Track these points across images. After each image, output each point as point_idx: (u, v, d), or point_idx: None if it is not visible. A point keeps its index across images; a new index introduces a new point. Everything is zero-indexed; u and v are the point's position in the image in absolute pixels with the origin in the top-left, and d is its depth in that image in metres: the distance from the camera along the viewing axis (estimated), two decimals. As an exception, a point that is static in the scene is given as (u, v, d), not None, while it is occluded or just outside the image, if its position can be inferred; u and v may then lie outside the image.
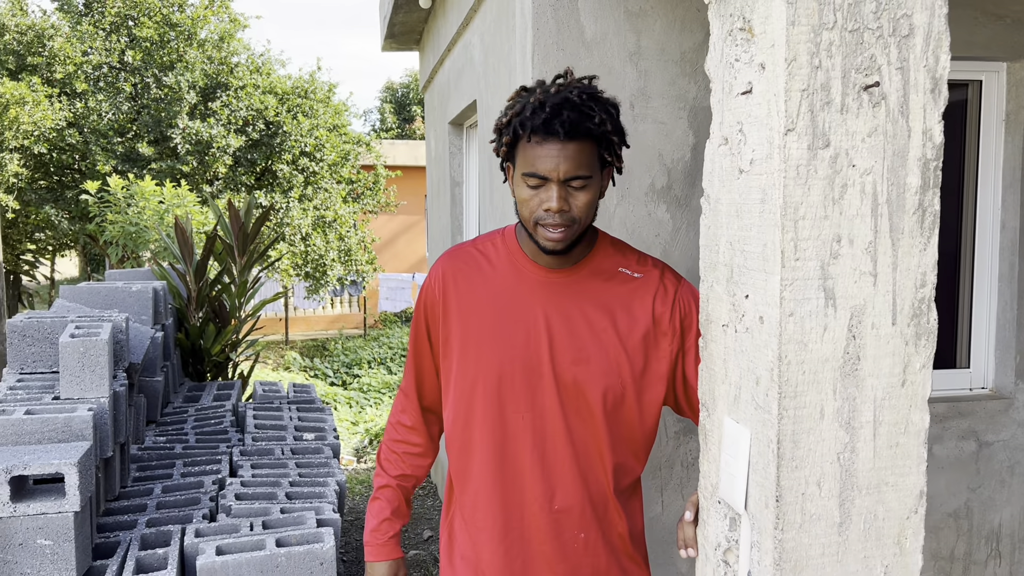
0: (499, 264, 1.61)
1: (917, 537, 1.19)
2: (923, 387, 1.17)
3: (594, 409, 1.54)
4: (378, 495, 1.77)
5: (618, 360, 1.53)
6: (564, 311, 1.55)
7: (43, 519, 2.43)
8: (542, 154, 1.44)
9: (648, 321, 1.55)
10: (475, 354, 1.58)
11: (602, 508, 1.59)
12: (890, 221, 1.13)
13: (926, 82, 1.12)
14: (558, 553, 1.58)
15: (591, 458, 1.57)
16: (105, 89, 10.91)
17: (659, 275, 1.59)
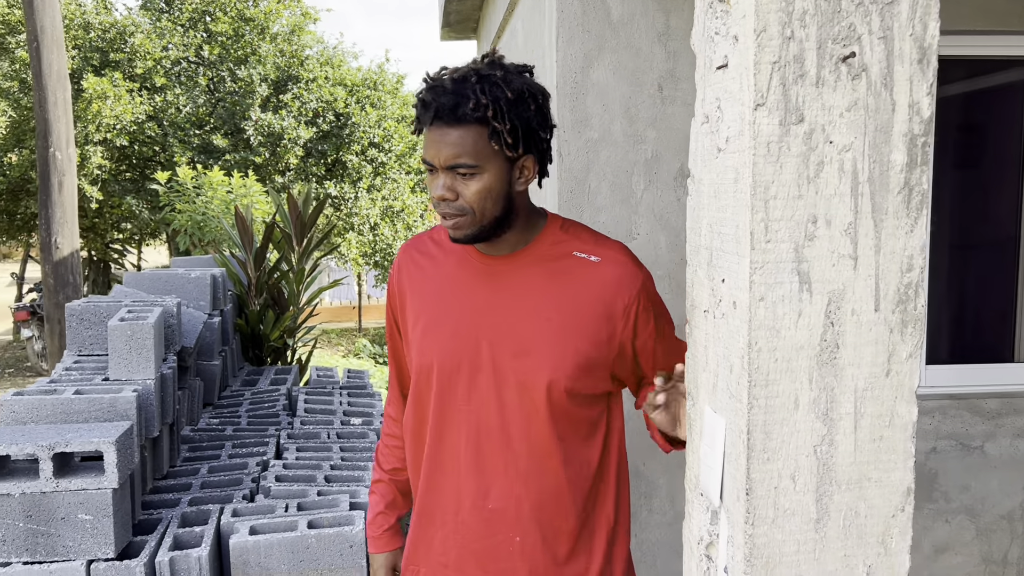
0: (449, 254, 1.58)
1: (904, 537, 1.12)
2: (910, 377, 1.10)
3: (538, 403, 1.47)
4: (373, 489, 1.77)
5: (563, 350, 1.46)
6: (506, 300, 1.49)
7: (84, 495, 2.53)
8: (427, 142, 1.41)
9: (602, 306, 1.48)
10: (420, 345, 1.55)
11: (548, 506, 1.51)
12: (872, 201, 1.06)
13: (912, 52, 1.05)
14: (490, 553, 1.52)
15: (537, 454, 1.49)
16: (183, 83, 11.29)
17: (620, 259, 1.51)
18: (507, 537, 1.52)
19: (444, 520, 1.55)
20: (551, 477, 1.50)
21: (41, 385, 2.95)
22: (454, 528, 1.54)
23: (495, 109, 1.38)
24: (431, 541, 1.58)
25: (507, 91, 1.39)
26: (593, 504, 1.56)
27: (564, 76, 2.37)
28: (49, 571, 2.50)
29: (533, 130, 1.44)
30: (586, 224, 2.41)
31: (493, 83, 1.39)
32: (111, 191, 11.32)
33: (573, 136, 2.38)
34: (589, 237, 1.55)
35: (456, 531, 1.54)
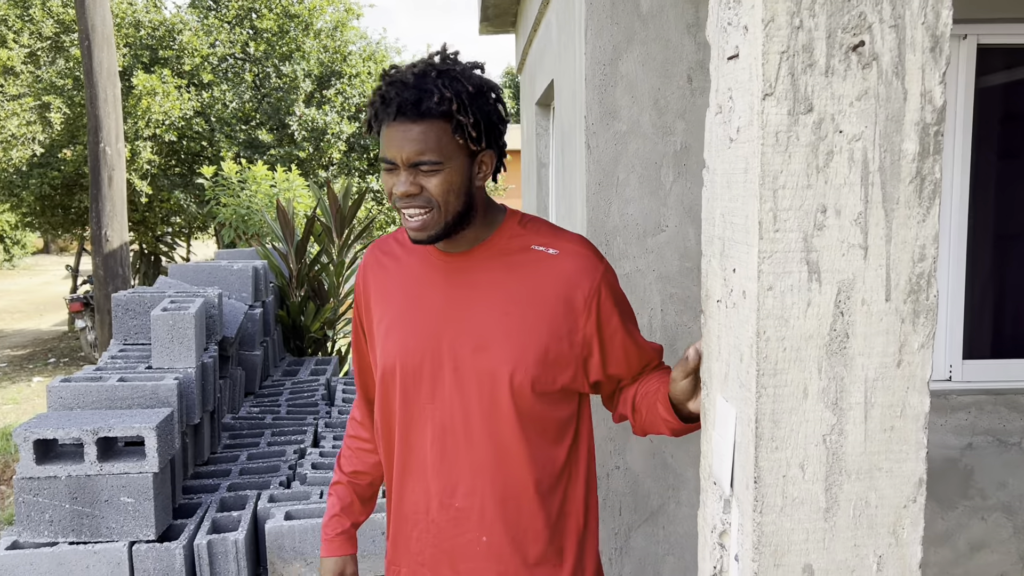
0: (412, 253, 1.57)
1: (916, 527, 1.12)
2: (922, 368, 1.09)
3: (500, 398, 1.45)
4: (331, 491, 1.74)
5: (524, 344, 1.44)
6: (464, 296, 1.49)
7: (126, 478, 2.62)
8: (388, 139, 1.38)
9: (562, 298, 1.46)
10: (384, 346, 1.54)
11: (514, 506, 1.49)
12: (883, 190, 1.06)
13: (925, 40, 1.04)
14: (460, 552, 1.52)
15: (502, 451, 1.47)
16: (229, 79, 11.50)
17: (580, 251, 1.49)
18: (475, 536, 1.50)
19: (417, 519, 1.55)
20: (516, 475, 1.48)
21: (87, 372, 3.06)
22: (426, 527, 1.54)
23: (459, 103, 1.37)
24: (408, 540, 1.57)
25: (468, 85, 1.39)
26: (561, 506, 1.54)
27: (593, 68, 2.38)
28: (93, 551, 2.59)
29: (493, 124, 1.44)
30: (614, 217, 2.42)
31: (453, 77, 1.39)
32: (160, 185, 11.60)
33: (601, 128, 2.39)
34: (548, 231, 1.54)
35: (428, 530, 1.54)
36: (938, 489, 2.65)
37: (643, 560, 2.49)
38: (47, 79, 11.42)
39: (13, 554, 2.58)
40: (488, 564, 1.51)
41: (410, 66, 1.42)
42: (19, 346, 11.94)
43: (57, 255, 29.41)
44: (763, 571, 1.11)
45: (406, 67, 1.43)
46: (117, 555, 2.60)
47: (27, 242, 25.74)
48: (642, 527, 2.49)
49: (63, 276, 20.44)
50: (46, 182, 11.36)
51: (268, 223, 5.84)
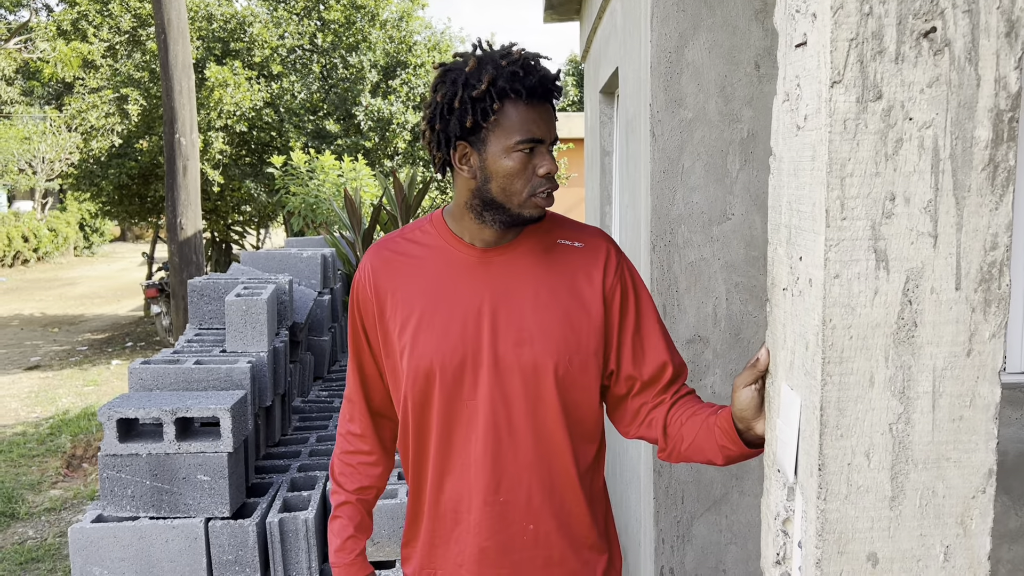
0: (432, 250, 1.53)
1: (985, 519, 1.11)
2: (993, 358, 1.08)
3: (544, 390, 1.47)
4: (338, 513, 1.66)
5: (565, 336, 1.47)
6: (504, 291, 1.48)
7: (202, 457, 2.73)
8: (537, 117, 1.40)
9: (593, 292, 1.49)
10: (413, 346, 1.49)
11: (559, 494, 1.51)
12: (954, 178, 1.05)
13: (999, 25, 1.02)
14: (505, 546, 1.51)
15: (545, 442, 1.49)
16: (298, 71, 11.73)
17: (603, 244, 1.53)
18: (521, 527, 1.50)
19: (457, 519, 1.53)
20: (560, 464, 1.51)
21: (165, 355, 3.18)
22: (466, 527, 1.52)
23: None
24: (447, 542, 1.55)
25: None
26: (596, 492, 1.57)
27: (658, 56, 2.37)
28: (172, 526, 2.71)
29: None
30: (679, 205, 2.41)
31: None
32: (231, 175, 11.92)
33: (667, 116, 2.38)
34: (568, 224, 1.57)
35: (468, 529, 1.52)
36: (1013, 484, 2.59)
37: (705, 549, 2.50)
38: (125, 72, 11.82)
39: (98, 527, 2.71)
40: (536, 552, 1.52)
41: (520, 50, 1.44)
42: (98, 330, 12.43)
43: (133, 243, 30.47)
44: (827, 558, 1.11)
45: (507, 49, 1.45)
46: (194, 530, 2.72)
47: (105, 230, 26.73)
48: (704, 516, 2.50)
49: (139, 263, 21.18)
50: (124, 172, 11.78)
51: (336, 212, 5.96)
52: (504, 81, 1.39)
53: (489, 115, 1.41)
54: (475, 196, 1.46)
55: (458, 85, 1.42)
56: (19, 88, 19.41)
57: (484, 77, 1.39)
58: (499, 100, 1.40)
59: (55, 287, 17.83)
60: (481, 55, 1.45)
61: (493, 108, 1.40)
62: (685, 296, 2.43)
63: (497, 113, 1.40)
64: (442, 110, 1.44)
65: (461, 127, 1.43)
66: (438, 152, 1.49)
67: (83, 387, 8.71)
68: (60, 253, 23.99)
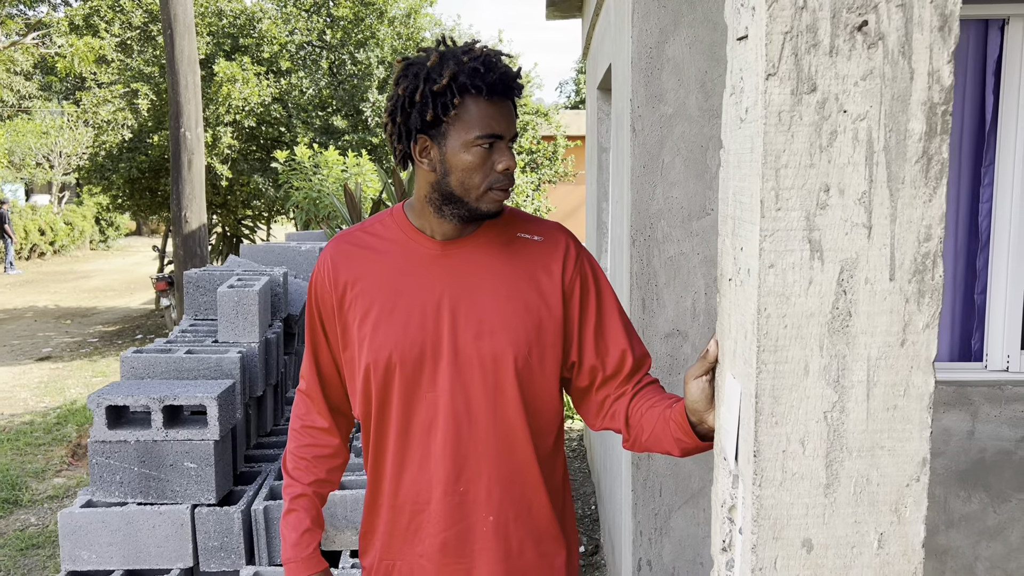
0: (392, 243, 1.54)
1: (919, 506, 1.12)
2: (926, 348, 1.09)
3: (504, 381, 1.48)
4: (293, 506, 1.62)
5: (525, 328, 1.49)
6: (464, 283, 1.50)
7: (189, 444, 2.76)
8: (496, 113, 1.41)
9: (552, 285, 1.51)
10: (373, 338, 1.50)
11: (519, 485, 1.53)
12: (888, 170, 1.06)
13: (933, 20, 1.04)
14: (465, 536, 1.52)
15: (505, 433, 1.51)
16: (306, 66, 11.78)
17: (562, 238, 1.55)
18: (481, 518, 1.52)
19: (417, 510, 1.54)
20: (520, 455, 1.52)
21: (158, 345, 3.23)
22: (426, 518, 1.53)
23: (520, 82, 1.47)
24: (407, 533, 1.55)
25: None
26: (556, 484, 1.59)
27: (639, 51, 2.39)
28: (159, 512, 2.75)
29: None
30: (659, 200, 2.43)
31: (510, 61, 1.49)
32: (240, 170, 11.99)
33: (647, 111, 2.40)
34: (526, 218, 1.58)
35: (429, 520, 1.53)
36: (992, 482, 2.59)
37: (682, 541, 2.51)
38: (136, 67, 11.91)
39: (87, 512, 2.76)
40: (496, 543, 1.53)
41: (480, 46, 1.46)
42: (110, 323, 12.55)
43: (148, 236, 30.67)
44: (761, 543, 1.13)
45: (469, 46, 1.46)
46: (181, 516, 2.76)
47: (121, 224, 26.94)
48: (682, 508, 2.51)
49: (153, 257, 21.33)
50: (134, 166, 11.87)
51: (337, 206, 6.00)
52: (465, 76, 1.40)
53: (449, 109, 1.42)
54: (434, 189, 1.48)
55: (419, 79, 1.43)
56: (37, 83, 19.59)
57: (445, 72, 1.41)
58: (459, 95, 1.41)
59: (70, 280, 18.00)
60: (444, 50, 1.46)
61: (453, 103, 1.41)
62: (664, 290, 2.44)
63: (457, 108, 1.42)
64: (403, 103, 1.46)
65: (422, 120, 1.44)
66: (399, 144, 1.50)
67: (92, 378, 8.80)
68: (76, 246, 24.20)
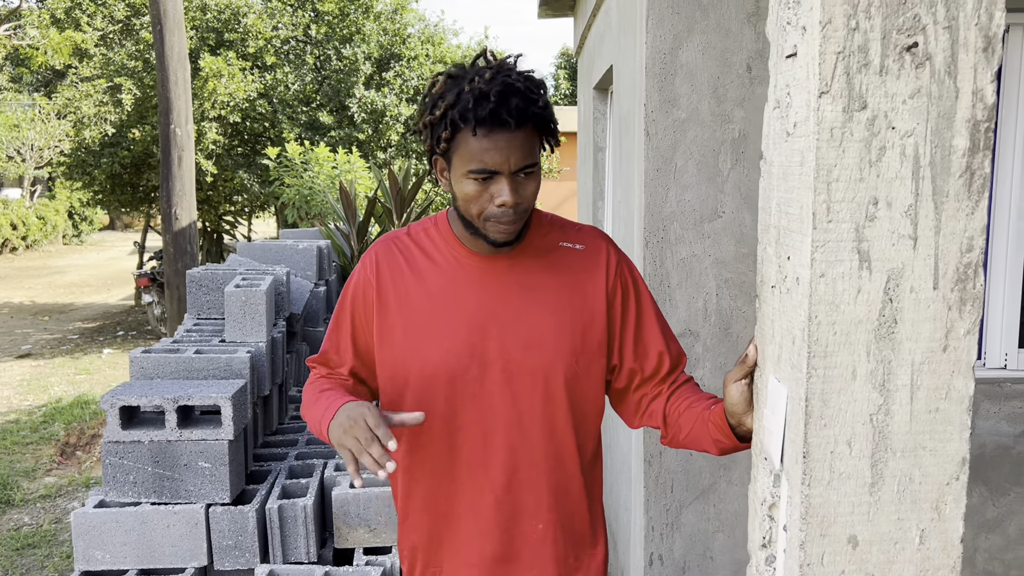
0: (436, 256, 1.54)
1: (958, 504, 1.18)
2: (967, 353, 1.15)
3: (554, 390, 1.50)
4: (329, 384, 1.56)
5: (572, 337, 1.50)
6: (511, 295, 1.50)
7: (203, 444, 2.78)
8: (490, 147, 1.35)
9: (596, 293, 1.53)
10: (415, 352, 1.50)
11: (564, 491, 1.55)
12: (933, 184, 1.11)
13: (977, 41, 1.09)
14: (512, 546, 1.54)
15: (554, 440, 1.52)
16: (291, 62, 11.73)
17: (603, 246, 1.57)
18: (531, 526, 1.53)
19: (463, 521, 1.54)
20: (567, 463, 1.55)
21: (165, 344, 3.23)
22: (475, 526, 1.53)
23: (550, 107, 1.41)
24: (454, 542, 1.55)
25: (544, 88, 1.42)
26: (594, 490, 1.63)
27: (653, 57, 2.43)
28: (173, 511, 2.76)
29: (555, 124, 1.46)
30: (672, 203, 2.48)
31: (541, 81, 1.41)
32: (224, 165, 11.93)
33: (661, 116, 2.45)
34: (568, 226, 1.59)
35: (478, 529, 1.53)
36: (991, 476, 2.67)
37: (693, 536, 2.57)
38: (118, 61, 11.80)
39: (101, 512, 2.77)
40: (544, 550, 1.56)
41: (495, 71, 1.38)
42: (89, 319, 12.43)
43: (122, 231, 30.37)
44: (810, 540, 1.18)
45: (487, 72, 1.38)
46: (195, 516, 2.77)
47: (94, 219, 26.63)
48: (693, 504, 2.57)
49: (129, 251, 21.13)
50: (116, 161, 11.77)
51: (331, 204, 6.01)
52: (458, 111, 1.36)
53: (440, 143, 1.40)
54: (457, 208, 1.48)
55: (427, 105, 1.43)
56: (8, 75, 19.31)
57: (442, 103, 1.39)
58: (449, 129, 1.38)
59: (44, 275, 17.78)
60: (455, 72, 1.42)
61: (443, 136, 1.39)
62: (677, 291, 2.50)
63: (450, 141, 1.39)
64: (417, 124, 1.47)
65: (433, 143, 1.43)
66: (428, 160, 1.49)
67: (75, 375, 8.73)
68: (49, 241, 23.90)
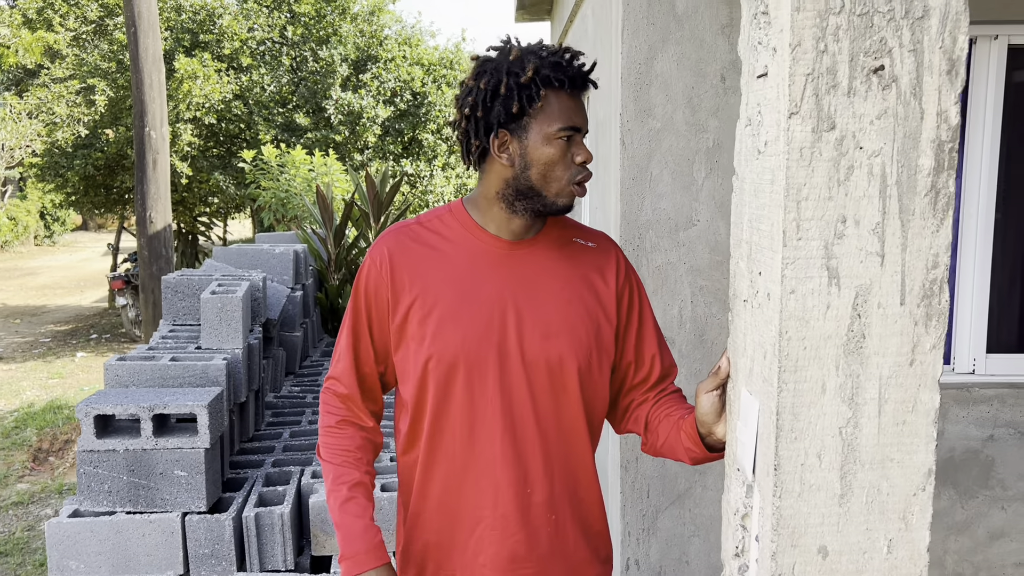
0: (454, 240, 1.52)
1: (924, 514, 1.21)
2: (933, 367, 1.18)
3: (569, 382, 1.50)
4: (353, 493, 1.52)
5: (587, 331, 1.52)
6: (529, 285, 1.50)
7: (179, 453, 2.77)
8: (575, 106, 1.43)
9: (608, 291, 1.56)
10: (436, 340, 1.47)
11: (575, 483, 1.55)
12: (899, 202, 1.14)
13: (942, 63, 1.12)
14: (529, 541, 1.51)
15: (567, 433, 1.53)
16: (267, 63, 11.67)
17: (612, 247, 1.61)
18: (546, 520, 1.52)
19: (479, 517, 1.51)
20: (580, 457, 1.55)
21: (140, 352, 3.21)
22: (491, 523, 1.50)
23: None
24: (466, 541, 1.52)
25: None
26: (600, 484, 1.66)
27: (629, 67, 2.46)
28: (149, 521, 2.75)
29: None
30: (647, 211, 2.50)
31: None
32: (200, 167, 11.84)
33: (636, 125, 2.47)
34: (576, 225, 1.63)
35: (494, 526, 1.50)
36: (960, 479, 2.72)
37: (669, 541, 2.60)
38: (91, 62, 11.67)
39: (75, 521, 2.74)
40: (557, 543, 1.54)
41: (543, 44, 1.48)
42: (62, 322, 12.28)
43: (95, 232, 30.02)
44: (781, 551, 1.21)
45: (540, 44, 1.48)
46: (171, 525, 2.76)
47: (67, 219, 26.30)
48: (669, 509, 2.60)
49: (102, 253, 20.89)
50: (90, 163, 11.64)
51: (308, 207, 5.99)
52: (548, 70, 1.43)
53: (535, 102, 1.43)
54: (509, 185, 1.48)
55: (502, 72, 1.45)
56: (-23, 74, 19.03)
57: (528, 66, 1.43)
58: (544, 87, 1.43)
59: (15, 277, 17.54)
60: (522, 46, 1.49)
61: (539, 95, 1.43)
62: (652, 298, 2.52)
63: (542, 100, 1.43)
64: (485, 97, 1.46)
65: (506, 114, 1.44)
66: (476, 140, 1.49)
67: (48, 379, 8.63)
68: (20, 242, 23.57)
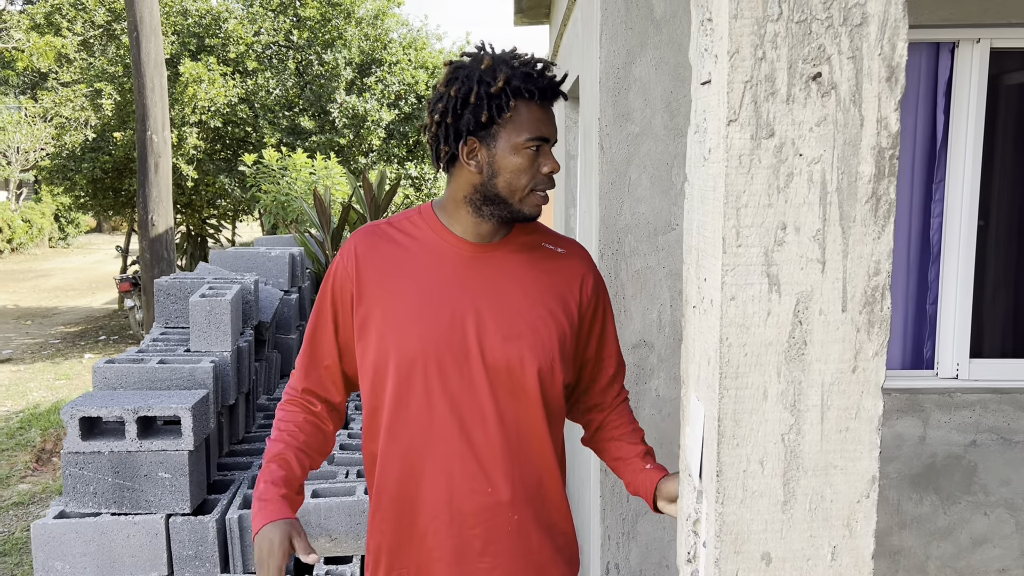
0: (422, 242, 1.55)
1: (869, 521, 1.21)
2: (876, 374, 1.18)
3: (528, 384, 1.50)
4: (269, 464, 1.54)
5: (549, 334, 1.53)
6: (494, 286, 1.52)
7: (163, 455, 2.79)
8: (544, 117, 1.46)
9: (573, 297, 1.58)
10: (396, 336, 1.50)
11: (536, 483, 1.56)
12: (840, 209, 1.14)
13: (881, 71, 1.12)
14: (489, 536, 1.53)
15: (527, 434, 1.53)
16: (273, 67, 11.74)
17: (581, 252, 1.62)
18: (506, 518, 1.52)
19: (436, 512, 1.52)
20: (541, 456, 1.56)
21: (130, 354, 3.23)
22: (448, 519, 1.52)
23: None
24: (423, 537, 1.54)
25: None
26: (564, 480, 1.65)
27: (607, 72, 2.46)
28: (133, 522, 2.77)
29: None
30: (626, 215, 2.50)
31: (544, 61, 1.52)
32: (206, 170, 11.91)
33: (615, 130, 2.47)
34: (548, 230, 1.64)
35: (451, 521, 1.52)
36: (943, 485, 2.71)
37: (649, 545, 2.59)
38: (99, 66, 11.76)
39: (60, 523, 2.77)
40: (520, 542, 1.55)
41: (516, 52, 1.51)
42: (72, 323, 12.38)
43: (109, 234, 30.21)
44: (724, 557, 1.21)
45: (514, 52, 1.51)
46: (155, 526, 2.78)
47: (81, 222, 26.50)
48: (649, 513, 2.59)
49: (114, 255, 21.02)
50: (98, 166, 11.73)
51: (306, 210, 6.02)
52: (518, 81, 1.46)
53: (505, 111, 1.46)
54: (477, 191, 1.50)
55: (473, 81, 1.47)
56: (-8, 78, 19.22)
57: (499, 75, 1.45)
58: (513, 98, 1.46)
59: (29, 279, 17.69)
60: (494, 54, 1.50)
61: (509, 105, 1.46)
62: (632, 302, 2.52)
63: (511, 110, 1.47)
64: (455, 105, 1.48)
65: (476, 122, 1.47)
66: (445, 146, 1.51)
67: (55, 381, 8.70)
68: (35, 244, 23.77)
